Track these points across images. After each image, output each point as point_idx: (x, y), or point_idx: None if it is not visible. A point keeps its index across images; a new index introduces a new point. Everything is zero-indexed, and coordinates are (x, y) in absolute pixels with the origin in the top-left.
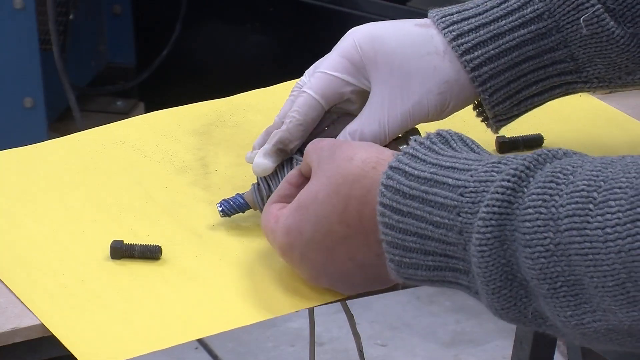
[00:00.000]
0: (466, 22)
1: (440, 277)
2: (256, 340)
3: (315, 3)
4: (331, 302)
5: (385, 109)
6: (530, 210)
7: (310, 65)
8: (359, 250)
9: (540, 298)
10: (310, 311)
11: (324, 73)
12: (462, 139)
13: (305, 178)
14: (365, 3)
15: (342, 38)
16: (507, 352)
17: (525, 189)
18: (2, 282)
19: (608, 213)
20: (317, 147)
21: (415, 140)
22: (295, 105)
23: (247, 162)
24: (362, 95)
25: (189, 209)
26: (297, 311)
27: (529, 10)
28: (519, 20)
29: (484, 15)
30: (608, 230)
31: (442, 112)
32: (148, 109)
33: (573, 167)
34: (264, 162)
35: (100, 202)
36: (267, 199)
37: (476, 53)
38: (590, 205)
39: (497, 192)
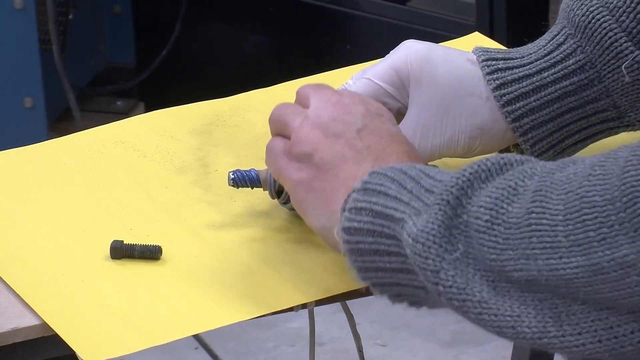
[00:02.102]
0: (510, 72)
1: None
2: (256, 340)
3: (315, 3)
4: (331, 302)
5: (417, 137)
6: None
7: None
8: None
9: (473, 234)
10: (310, 311)
11: (370, 80)
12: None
13: None
14: (365, 3)
15: (396, 49)
16: (507, 352)
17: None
18: (2, 282)
19: (582, 164)
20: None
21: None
22: None
23: None
24: (398, 113)
25: (189, 209)
26: (297, 311)
27: (571, 62)
28: (562, 72)
29: (528, 67)
30: (572, 176)
31: (467, 152)
32: (148, 109)
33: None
34: None
35: (100, 202)
36: (279, 184)
37: (518, 104)
38: (570, 163)
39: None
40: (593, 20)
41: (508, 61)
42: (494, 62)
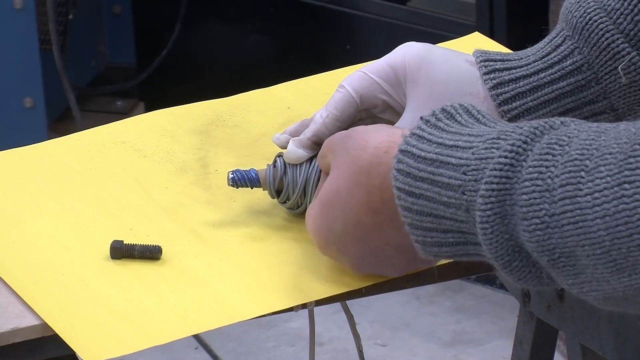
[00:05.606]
0: (507, 72)
1: (463, 251)
2: (256, 340)
3: (315, 3)
4: (331, 302)
5: None
6: (527, 184)
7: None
8: (392, 234)
9: (549, 269)
10: (310, 311)
11: (365, 74)
12: (467, 110)
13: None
14: (365, 3)
15: (395, 49)
16: (507, 352)
17: (524, 163)
18: (2, 282)
19: (597, 178)
20: (331, 143)
21: (421, 119)
22: (333, 101)
23: (274, 142)
24: (393, 111)
25: (189, 209)
26: (297, 311)
27: (568, 63)
28: (559, 73)
29: (525, 68)
30: (596, 195)
31: None
32: (148, 109)
33: (569, 137)
34: (299, 151)
35: (100, 202)
36: (279, 181)
37: (515, 104)
38: (582, 173)
39: (495, 169)
40: (590, 22)
41: (506, 62)
42: (491, 63)
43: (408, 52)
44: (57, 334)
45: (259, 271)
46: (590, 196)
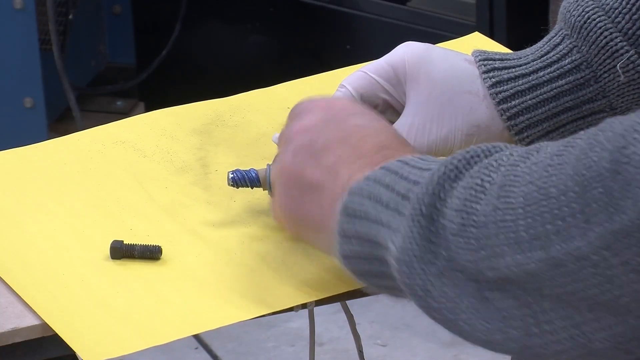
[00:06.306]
0: (506, 71)
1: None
2: (256, 340)
3: (315, 3)
4: (331, 302)
5: (413, 134)
6: (484, 162)
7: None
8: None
9: (450, 238)
10: (310, 311)
11: (365, 73)
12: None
13: None
14: (365, 3)
15: (395, 49)
16: None
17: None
18: (2, 282)
19: (543, 153)
20: (297, 107)
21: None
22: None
23: (274, 142)
24: (394, 110)
25: (189, 209)
26: (297, 311)
27: (567, 61)
28: (557, 72)
29: (524, 67)
30: (533, 167)
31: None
32: (148, 109)
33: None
34: None
35: (100, 202)
36: None
37: (513, 102)
38: (534, 151)
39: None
40: (589, 21)
41: (505, 61)
42: (490, 62)
43: (408, 51)
44: (57, 334)
45: (259, 271)
46: (528, 168)
